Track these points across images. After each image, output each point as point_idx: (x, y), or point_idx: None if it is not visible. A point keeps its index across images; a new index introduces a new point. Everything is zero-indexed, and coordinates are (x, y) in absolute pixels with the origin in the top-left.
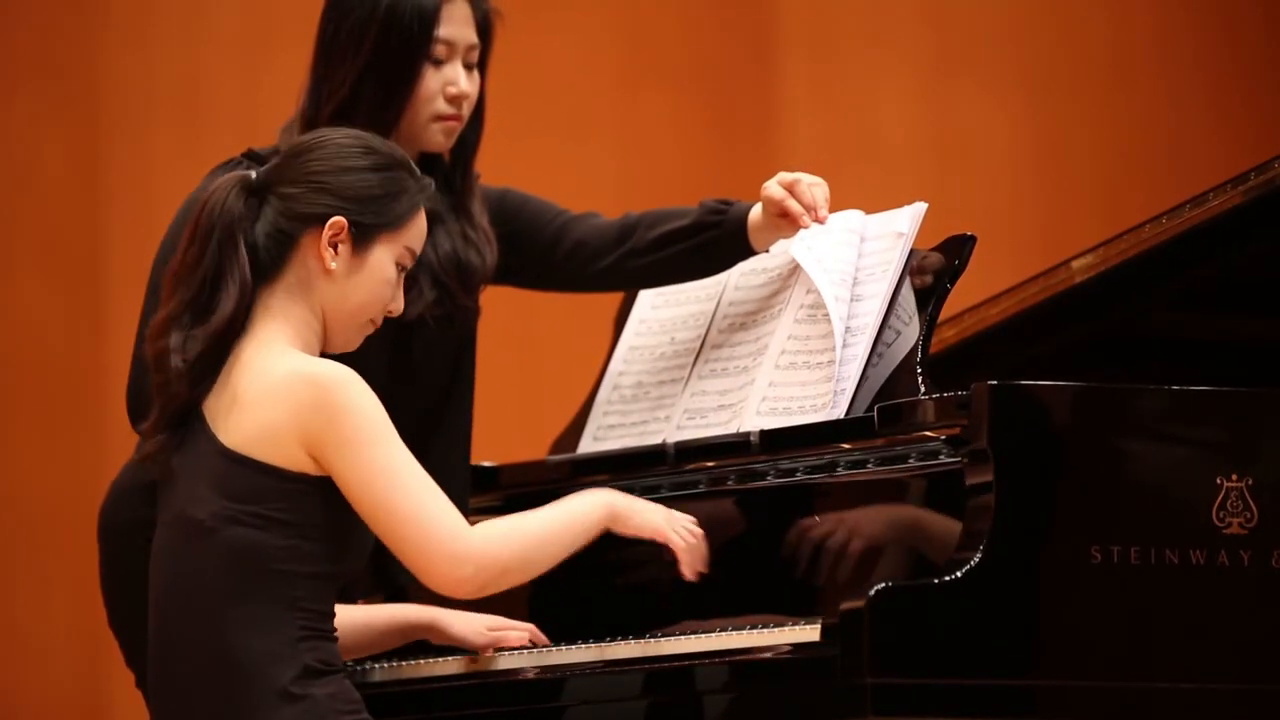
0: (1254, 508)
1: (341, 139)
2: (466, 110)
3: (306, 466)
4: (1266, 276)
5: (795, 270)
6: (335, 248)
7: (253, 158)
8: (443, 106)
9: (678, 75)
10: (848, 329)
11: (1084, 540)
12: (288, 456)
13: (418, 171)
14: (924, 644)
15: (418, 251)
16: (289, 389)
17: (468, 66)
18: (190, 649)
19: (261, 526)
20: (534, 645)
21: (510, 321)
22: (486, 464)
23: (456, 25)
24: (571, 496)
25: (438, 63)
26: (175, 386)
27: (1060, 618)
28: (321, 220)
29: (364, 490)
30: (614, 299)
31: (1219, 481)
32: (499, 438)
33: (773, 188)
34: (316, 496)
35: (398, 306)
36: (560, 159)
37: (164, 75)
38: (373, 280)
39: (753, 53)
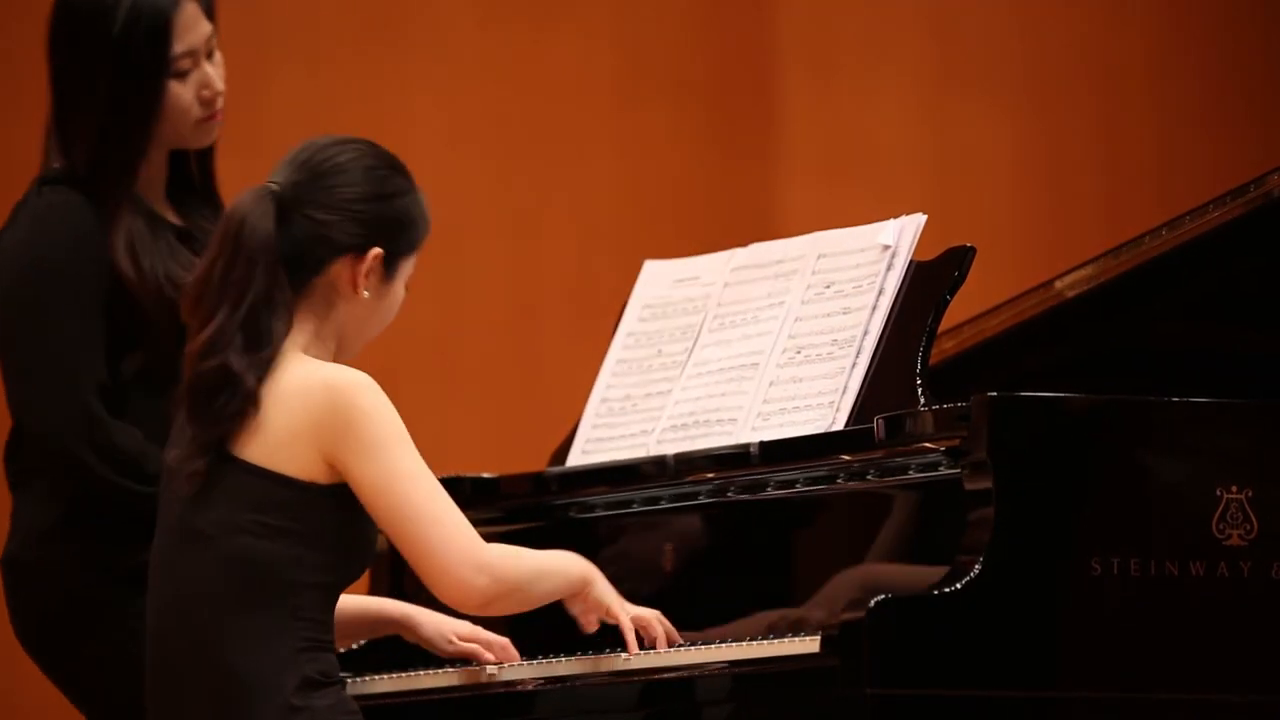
0: (1254, 519)
1: (365, 160)
2: (222, 99)
3: (319, 475)
4: (1266, 288)
5: (785, 282)
6: (367, 275)
7: (47, 181)
8: (201, 111)
9: (678, 89)
10: (833, 340)
11: (1084, 551)
12: (302, 464)
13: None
14: (924, 655)
15: None
16: (305, 394)
17: (209, 54)
18: (190, 659)
19: (266, 535)
20: (501, 663)
21: (512, 332)
22: (486, 475)
23: (190, 30)
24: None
25: (184, 74)
26: (242, 405)
27: (1060, 629)
28: (356, 249)
29: (383, 493)
30: (613, 305)
31: (1219, 493)
32: (499, 448)
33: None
34: (323, 507)
35: None
36: (560, 173)
37: None
38: (394, 301)
39: (753, 66)
